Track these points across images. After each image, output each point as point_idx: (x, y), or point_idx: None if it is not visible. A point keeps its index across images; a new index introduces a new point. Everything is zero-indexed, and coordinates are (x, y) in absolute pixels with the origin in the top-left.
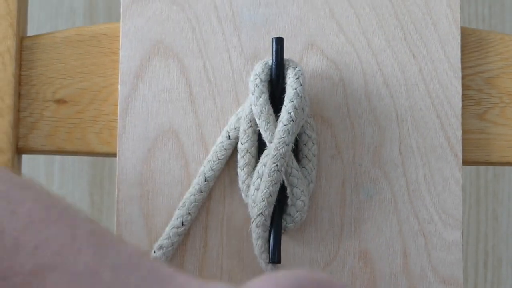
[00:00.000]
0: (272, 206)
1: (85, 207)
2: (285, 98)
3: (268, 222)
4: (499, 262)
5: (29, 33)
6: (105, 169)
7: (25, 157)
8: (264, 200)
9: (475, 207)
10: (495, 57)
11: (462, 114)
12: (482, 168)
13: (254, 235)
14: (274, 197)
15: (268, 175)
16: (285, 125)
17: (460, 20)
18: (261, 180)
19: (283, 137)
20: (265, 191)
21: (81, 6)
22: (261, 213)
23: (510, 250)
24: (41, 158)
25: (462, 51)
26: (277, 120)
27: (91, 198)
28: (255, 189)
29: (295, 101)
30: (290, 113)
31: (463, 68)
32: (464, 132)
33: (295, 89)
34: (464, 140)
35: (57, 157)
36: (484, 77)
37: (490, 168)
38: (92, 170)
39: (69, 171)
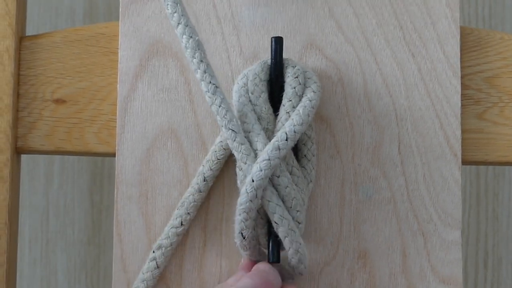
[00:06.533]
0: None
1: (85, 207)
2: (283, 97)
3: (264, 221)
4: (499, 262)
5: (28, 33)
6: (105, 169)
7: (25, 157)
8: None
9: (475, 207)
10: (494, 56)
11: (461, 113)
12: (482, 168)
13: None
14: None
15: None
16: (283, 124)
17: (459, 19)
18: None
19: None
20: None
21: (81, 6)
22: (257, 211)
23: (510, 250)
24: (41, 158)
25: (461, 50)
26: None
27: (91, 198)
28: None
29: (293, 100)
30: (288, 112)
31: (462, 68)
32: (463, 131)
33: (294, 88)
34: (463, 139)
35: (57, 157)
36: (483, 76)
37: (490, 168)
38: (92, 170)
39: (69, 171)
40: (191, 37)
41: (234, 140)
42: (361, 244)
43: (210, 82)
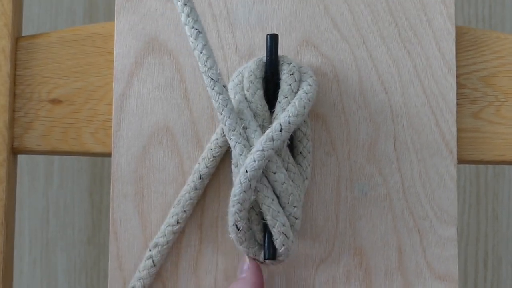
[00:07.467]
0: None
1: (85, 206)
2: (279, 94)
3: (260, 217)
4: (499, 262)
5: (29, 33)
6: (105, 169)
7: (24, 157)
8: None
9: (475, 207)
10: (490, 55)
11: (457, 112)
12: (482, 167)
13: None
14: None
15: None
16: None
17: (455, 17)
18: None
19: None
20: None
21: (81, 5)
22: (252, 207)
23: (510, 250)
24: (41, 158)
25: (457, 49)
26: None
27: (91, 198)
28: None
29: (289, 97)
30: (284, 109)
31: (458, 67)
32: (459, 130)
33: (289, 85)
34: (459, 138)
35: (57, 157)
36: (479, 75)
37: (490, 167)
38: (92, 170)
39: (68, 171)
40: None
41: (213, 89)
42: (357, 241)
43: (193, 27)
